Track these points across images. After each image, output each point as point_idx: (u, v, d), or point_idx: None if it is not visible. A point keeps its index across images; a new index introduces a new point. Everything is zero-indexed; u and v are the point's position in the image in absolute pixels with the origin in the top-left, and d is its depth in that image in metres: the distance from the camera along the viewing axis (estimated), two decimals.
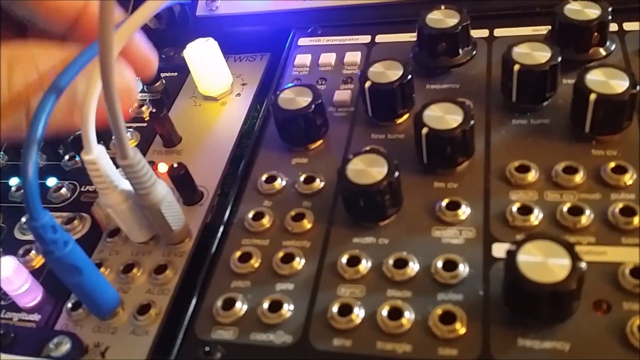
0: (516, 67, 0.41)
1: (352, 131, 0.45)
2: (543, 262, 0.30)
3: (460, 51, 0.46)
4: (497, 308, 0.33)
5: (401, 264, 0.36)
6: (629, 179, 0.37)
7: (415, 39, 0.48)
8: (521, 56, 0.41)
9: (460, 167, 0.40)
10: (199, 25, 0.58)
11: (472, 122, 0.38)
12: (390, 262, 0.36)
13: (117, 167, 0.37)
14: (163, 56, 0.58)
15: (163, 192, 0.38)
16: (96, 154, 0.36)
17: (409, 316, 0.34)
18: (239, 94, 0.54)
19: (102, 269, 0.41)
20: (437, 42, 0.46)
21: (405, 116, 0.45)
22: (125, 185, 0.38)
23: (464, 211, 0.38)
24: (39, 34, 0.42)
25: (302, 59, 0.53)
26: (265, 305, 0.36)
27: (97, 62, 0.30)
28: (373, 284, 0.36)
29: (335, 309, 0.35)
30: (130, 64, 0.38)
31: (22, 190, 0.47)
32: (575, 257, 0.30)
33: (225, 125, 0.52)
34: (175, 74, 0.57)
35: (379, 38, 0.53)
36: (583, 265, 0.30)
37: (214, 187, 0.46)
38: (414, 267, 0.36)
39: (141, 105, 0.54)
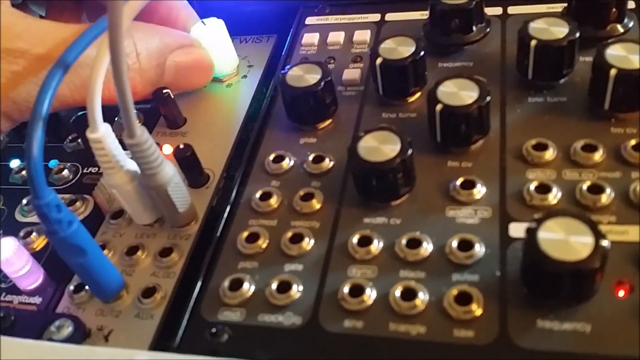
0: (533, 42, 0.39)
1: (362, 110, 0.44)
2: (565, 240, 0.29)
3: (474, 28, 0.45)
4: (514, 289, 0.32)
5: (414, 244, 0.35)
6: None
7: (426, 17, 0.47)
8: (538, 31, 0.40)
9: (475, 146, 0.39)
10: (204, 4, 0.56)
11: (488, 98, 0.37)
12: (403, 242, 0.35)
13: (124, 148, 0.36)
14: None
15: (170, 172, 0.37)
16: (102, 132, 0.35)
17: (423, 297, 0.32)
18: (245, 76, 0.53)
19: (105, 251, 0.40)
20: (450, 19, 0.44)
21: (417, 94, 0.43)
22: (131, 165, 0.37)
23: (479, 190, 0.37)
24: None
25: (310, 38, 0.51)
26: (274, 286, 0.34)
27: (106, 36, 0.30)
28: (385, 264, 0.35)
29: (346, 289, 0.34)
30: None
31: (23, 172, 0.47)
32: (598, 235, 0.29)
33: (231, 107, 0.50)
34: None
35: (389, 16, 0.52)
36: (606, 243, 0.29)
37: (220, 169, 0.45)
38: (427, 248, 0.35)
39: None
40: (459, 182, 0.37)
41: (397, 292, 0.33)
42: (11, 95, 0.40)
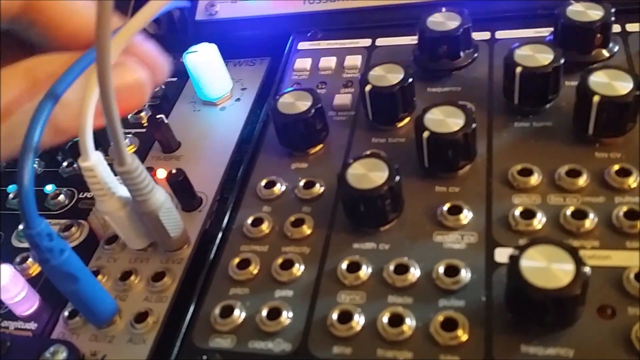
0: (518, 69, 0.40)
1: (353, 135, 0.45)
2: (546, 267, 0.30)
3: (462, 54, 0.46)
4: (499, 314, 0.33)
5: (402, 269, 0.35)
6: (633, 181, 0.37)
7: (415, 42, 0.48)
8: (523, 58, 0.41)
9: (461, 171, 0.40)
10: (199, 29, 0.57)
11: (474, 125, 0.38)
12: (391, 267, 0.36)
13: (116, 174, 0.37)
14: None
15: (161, 198, 0.38)
16: (94, 161, 0.35)
17: (410, 323, 0.33)
18: (238, 99, 0.54)
19: (99, 277, 0.41)
20: (438, 45, 0.45)
21: (406, 120, 0.44)
22: (123, 191, 0.38)
23: (466, 215, 0.37)
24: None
25: (302, 63, 0.52)
26: (264, 312, 0.35)
27: (94, 68, 0.30)
28: (373, 290, 0.35)
29: (335, 315, 0.34)
30: None
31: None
32: (579, 262, 0.30)
33: (224, 130, 0.51)
34: (175, 79, 0.57)
35: (380, 41, 0.53)
36: (587, 270, 0.30)
37: (213, 193, 0.46)
38: (415, 273, 0.35)
39: (140, 111, 0.53)
40: (446, 207, 0.38)
41: (385, 318, 0.33)
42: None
